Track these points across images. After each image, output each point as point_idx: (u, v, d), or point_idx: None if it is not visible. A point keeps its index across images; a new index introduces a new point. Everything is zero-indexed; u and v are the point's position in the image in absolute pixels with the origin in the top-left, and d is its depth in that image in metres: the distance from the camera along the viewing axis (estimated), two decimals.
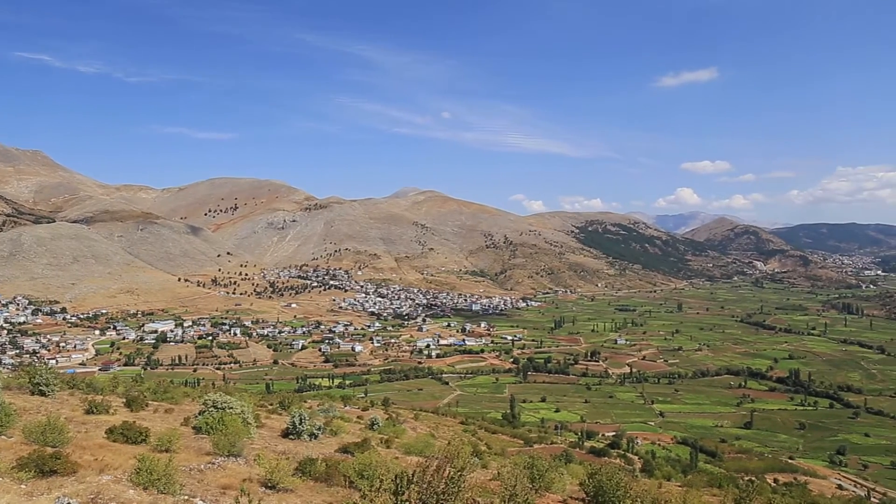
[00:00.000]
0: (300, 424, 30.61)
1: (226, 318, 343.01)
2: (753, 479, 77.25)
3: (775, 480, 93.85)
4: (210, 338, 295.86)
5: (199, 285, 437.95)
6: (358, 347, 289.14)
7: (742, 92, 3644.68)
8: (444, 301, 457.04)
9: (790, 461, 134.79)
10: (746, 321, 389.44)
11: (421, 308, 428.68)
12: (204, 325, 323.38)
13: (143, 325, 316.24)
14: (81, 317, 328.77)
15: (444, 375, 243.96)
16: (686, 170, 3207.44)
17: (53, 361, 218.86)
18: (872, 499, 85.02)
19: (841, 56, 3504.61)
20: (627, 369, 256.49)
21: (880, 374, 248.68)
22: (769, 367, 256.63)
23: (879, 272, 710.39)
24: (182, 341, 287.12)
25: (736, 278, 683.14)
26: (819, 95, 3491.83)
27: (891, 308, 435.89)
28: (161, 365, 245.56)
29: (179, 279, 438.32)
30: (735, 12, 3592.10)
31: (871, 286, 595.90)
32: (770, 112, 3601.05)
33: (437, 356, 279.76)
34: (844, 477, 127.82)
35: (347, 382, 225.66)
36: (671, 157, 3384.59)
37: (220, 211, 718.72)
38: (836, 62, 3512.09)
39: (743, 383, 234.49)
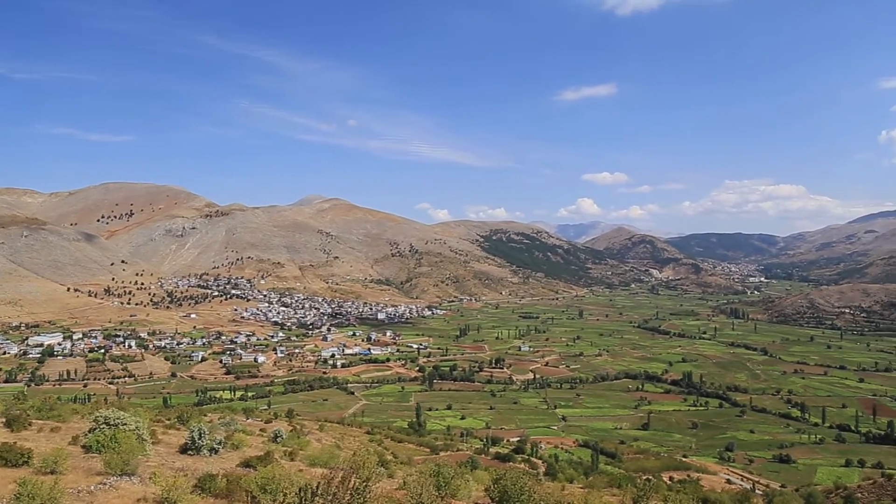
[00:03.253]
0: (199, 439, 29.45)
1: (120, 330, 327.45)
2: (650, 477, 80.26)
3: (671, 478, 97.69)
4: (102, 351, 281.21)
5: (90, 295, 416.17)
6: (261, 358, 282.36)
7: (638, 107, 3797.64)
8: (350, 310, 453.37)
9: (684, 459, 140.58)
10: (643, 326, 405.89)
11: (326, 317, 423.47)
12: (96, 337, 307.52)
13: (27, 338, 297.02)
14: None
15: (349, 385, 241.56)
16: (586, 181, 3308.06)
17: None
18: (757, 491, 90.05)
19: (724, 78, 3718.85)
20: (531, 375, 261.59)
21: (763, 374, 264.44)
22: (664, 371, 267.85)
23: (762, 279, 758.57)
24: (71, 355, 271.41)
25: (633, 285, 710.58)
26: (706, 113, 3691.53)
27: (772, 312, 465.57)
28: (47, 381, 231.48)
29: (69, 289, 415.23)
30: (631, 31, 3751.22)
31: (756, 292, 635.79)
32: (664, 127, 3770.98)
33: (343, 366, 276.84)
34: (733, 472, 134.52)
35: (250, 394, 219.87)
36: (572, 169, 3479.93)
37: (115, 217, 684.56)
38: (719, 83, 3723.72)
39: (640, 386, 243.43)
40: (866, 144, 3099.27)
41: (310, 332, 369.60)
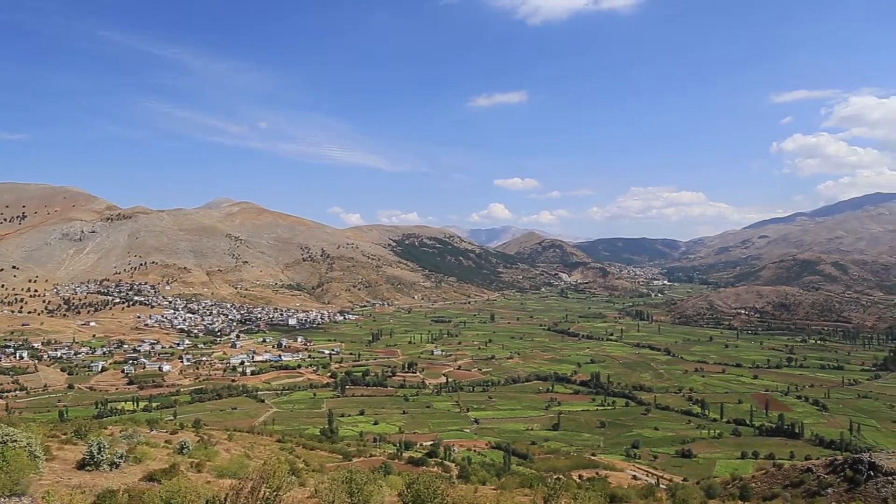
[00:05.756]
0: (98, 453, 27.94)
1: (10, 340, 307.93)
2: (561, 476, 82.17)
3: (580, 476, 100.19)
4: None
5: None
6: (166, 367, 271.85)
7: (548, 115, 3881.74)
8: (260, 316, 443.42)
9: (593, 458, 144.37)
10: (553, 329, 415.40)
11: (235, 323, 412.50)
12: None
13: None
14: None
15: (259, 393, 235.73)
16: (498, 186, 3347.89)
17: None
18: (661, 485, 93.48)
19: (628, 88, 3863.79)
20: (444, 379, 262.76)
21: (667, 374, 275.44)
22: (573, 372, 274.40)
23: (665, 282, 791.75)
24: None
25: (544, 289, 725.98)
26: (612, 121, 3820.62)
27: (675, 314, 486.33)
28: None
29: None
30: (542, 40, 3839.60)
31: (659, 294, 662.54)
32: (573, 134, 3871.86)
33: (252, 373, 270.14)
34: (638, 468, 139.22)
35: (154, 405, 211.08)
36: (484, 174, 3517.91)
37: (5, 220, 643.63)
38: (625, 93, 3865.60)
39: (550, 388, 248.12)
40: (759, 155, 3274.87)
41: (218, 339, 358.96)
